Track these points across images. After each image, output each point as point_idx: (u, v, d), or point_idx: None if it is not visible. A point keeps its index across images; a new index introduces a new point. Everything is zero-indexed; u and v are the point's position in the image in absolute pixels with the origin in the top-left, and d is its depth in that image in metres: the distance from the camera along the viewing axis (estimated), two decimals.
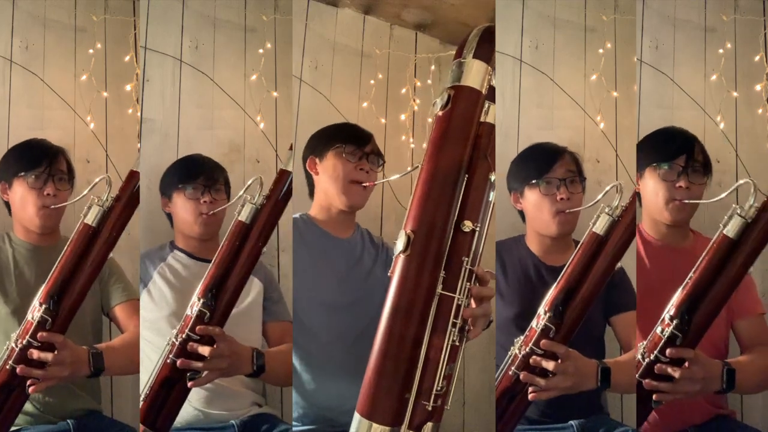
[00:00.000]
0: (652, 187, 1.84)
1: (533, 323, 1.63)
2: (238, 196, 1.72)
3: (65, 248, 1.66)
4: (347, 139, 1.91)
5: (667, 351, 1.51)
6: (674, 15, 2.19)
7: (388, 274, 1.19)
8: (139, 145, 2.07)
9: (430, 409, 1.18)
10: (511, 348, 1.64)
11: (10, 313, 1.81)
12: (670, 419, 1.82)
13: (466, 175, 1.21)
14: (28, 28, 2.09)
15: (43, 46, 2.10)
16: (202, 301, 1.64)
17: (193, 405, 1.83)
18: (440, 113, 1.21)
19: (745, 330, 1.85)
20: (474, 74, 1.22)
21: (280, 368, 1.80)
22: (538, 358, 1.59)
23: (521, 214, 1.96)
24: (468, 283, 1.20)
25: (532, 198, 1.89)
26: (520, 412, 1.67)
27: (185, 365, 1.62)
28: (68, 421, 1.82)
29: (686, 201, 1.79)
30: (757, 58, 2.16)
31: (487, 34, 1.24)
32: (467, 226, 1.19)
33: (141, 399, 1.67)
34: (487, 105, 1.24)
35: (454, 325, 1.19)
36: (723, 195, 1.54)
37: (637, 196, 1.91)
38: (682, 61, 2.18)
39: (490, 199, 1.22)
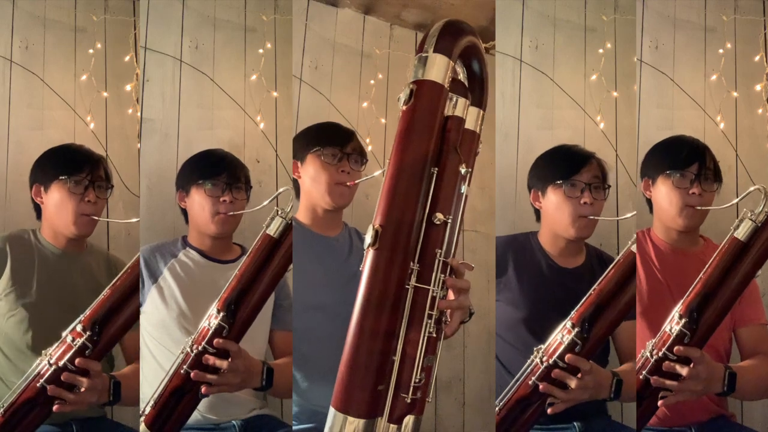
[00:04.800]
0: (665, 195, 1.86)
1: (558, 335, 1.62)
2: (263, 205, 1.69)
3: (118, 277, 1.65)
4: (326, 142, 1.90)
5: (675, 348, 1.55)
6: (674, 15, 2.19)
7: (360, 269, 1.20)
8: (139, 145, 2.07)
9: (409, 401, 1.18)
10: (532, 357, 1.63)
11: (24, 312, 1.80)
12: (672, 416, 1.83)
13: (436, 169, 1.21)
14: (28, 28, 2.09)
15: (43, 46, 2.10)
16: (221, 314, 1.61)
17: (196, 409, 1.82)
18: (404, 108, 1.21)
19: (747, 338, 1.87)
20: (436, 68, 1.21)
21: (284, 381, 1.81)
22: (561, 372, 1.60)
23: (537, 212, 1.96)
24: (443, 275, 1.21)
25: (554, 198, 1.89)
26: (532, 421, 1.67)
27: (199, 377, 1.61)
28: (72, 423, 1.82)
29: (699, 208, 1.82)
30: (757, 58, 2.16)
31: (447, 28, 1.24)
32: (439, 218, 1.20)
33: (149, 404, 1.65)
34: (454, 99, 1.25)
35: (429, 317, 1.19)
36: (735, 201, 1.60)
37: (647, 203, 1.93)
38: (682, 61, 2.18)
39: (462, 191, 1.23)
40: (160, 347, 1.86)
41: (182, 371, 1.62)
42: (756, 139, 2.18)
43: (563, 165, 1.91)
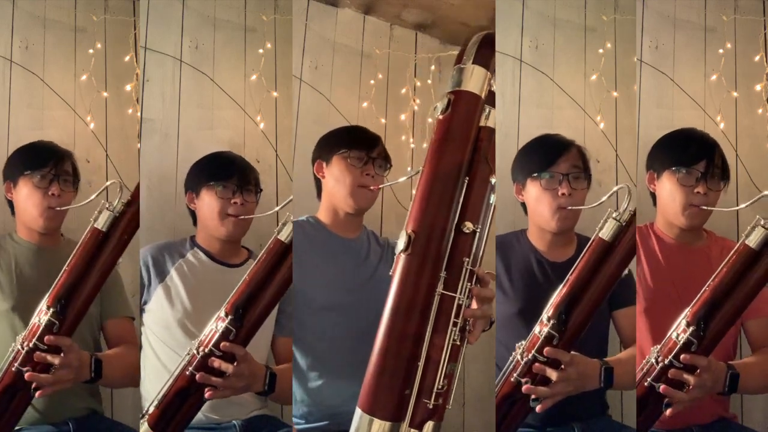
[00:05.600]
0: (669, 191, 1.82)
1: (536, 329, 1.60)
2: (275, 211, 1.69)
3: (74, 252, 1.65)
4: (353, 144, 1.90)
5: (682, 357, 1.52)
6: (674, 15, 2.19)
7: (390, 273, 1.22)
8: (139, 145, 2.07)
9: (431, 407, 1.20)
10: (513, 354, 1.62)
11: (9, 310, 1.81)
12: (674, 418, 1.81)
13: (467, 178, 1.23)
14: (28, 28, 2.09)
15: (43, 46, 2.11)
16: (229, 317, 1.60)
17: None
18: (441, 117, 1.24)
19: (756, 330, 1.84)
20: (474, 79, 1.24)
21: (286, 387, 1.81)
22: (541, 366, 1.58)
23: (523, 206, 1.95)
24: (469, 284, 1.22)
25: (533, 191, 1.87)
26: (521, 417, 1.66)
27: (204, 380, 1.61)
28: (68, 421, 1.82)
29: (704, 207, 1.78)
30: (757, 58, 2.16)
31: (486, 41, 1.27)
32: (468, 227, 1.22)
33: (153, 404, 1.65)
34: (487, 110, 1.27)
35: (455, 324, 1.21)
36: (743, 206, 1.54)
37: (651, 196, 1.91)
38: (682, 61, 2.18)
39: (490, 202, 1.25)
40: (163, 346, 1.87)
41: (187, 373, 1.62)
42: (756, 139, 2.18)
43: (540, 156, 1.87)
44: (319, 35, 2.25)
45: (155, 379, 1.71)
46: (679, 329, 1.53)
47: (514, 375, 1.60)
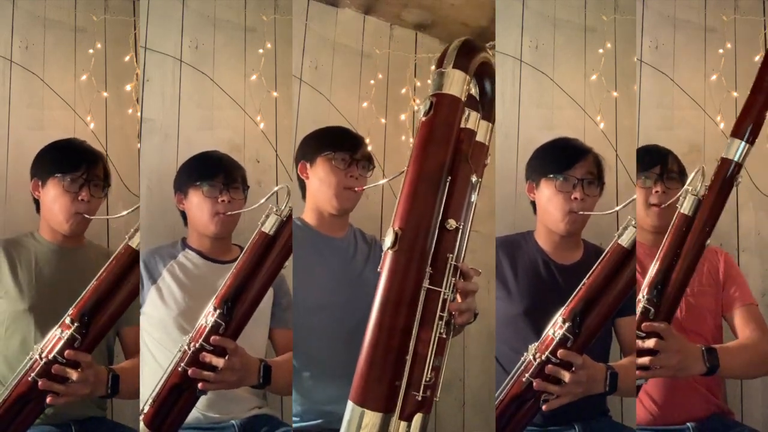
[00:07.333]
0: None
1: (550, 331, 1.62)
2: (260, 204, 1.70)
3: (104, 268, 1.64)
4: (337, 146, 1.92)
5: (643, 325, 1.59)
6: (674, 15, 2.19)
7: (378, 269, 1.25)
8: (139, 145, 2.07)
9: (419, 399, 1.23)
10: (525, 354, 1.64)
11: (27, 310, 1.80)
12: (670, 414, 1.84)
13: (449, 177, 1.27)
14: (28, 28, 2.09)
15: (43, 46, 2.10)
16: (218, 311, 1.62)
17: (195, 407, 1.82)
18: (423, 119, 1.28)
19: (738, 320, 1.90)
20: (454, 83, 1.28)
21: (283, 379, 1.82)
22: (555, 368, 1.60)
23: (533, 205, 1.96)
24: (453, 279, 1.26)
25: (546, 192, 1.89)
26: (528, 418, 1.67)
27: (196, 375, 1.62)
28: (71, 424, 1.82)
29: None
30: (757, 58, 2.16)
31: (465, 47, 1.32)
32: (451, 224, 1.26)
33: (148, 403, 1.66)
34: (467, 112, 1.31)
35: (440, 318, 1.25)
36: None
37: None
38: (682, 61, 2.19)
39: (472, 200, 1.30)
40: (160, 347, 1.87)
41: (180, 369, 1.63)
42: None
43: (558, 159, 1.90)
44: (319, 35, 2.25)
45: (153, 381, 1.71)
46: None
47: (526, 375, 1.62)
